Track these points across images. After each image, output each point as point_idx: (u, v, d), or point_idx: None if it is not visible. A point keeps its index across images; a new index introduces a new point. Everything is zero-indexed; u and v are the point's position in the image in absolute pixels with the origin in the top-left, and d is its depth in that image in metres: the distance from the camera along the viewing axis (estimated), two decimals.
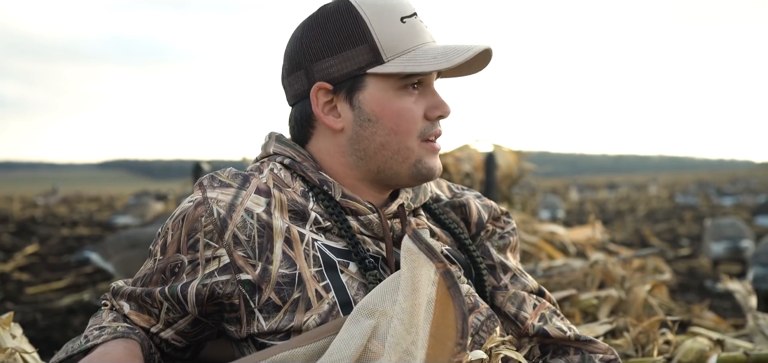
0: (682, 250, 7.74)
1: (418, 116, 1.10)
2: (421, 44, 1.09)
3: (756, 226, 9.32)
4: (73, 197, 24.96)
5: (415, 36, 1.09)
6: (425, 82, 1.12)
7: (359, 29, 1.07)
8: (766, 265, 4.31)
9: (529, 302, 1.22)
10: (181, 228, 1.06)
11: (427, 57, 1.07)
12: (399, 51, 1.07)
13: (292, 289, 1.03)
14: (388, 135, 1.10)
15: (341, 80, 1.09)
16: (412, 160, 1.11)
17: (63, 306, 4.72)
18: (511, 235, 1.29)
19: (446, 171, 3.91)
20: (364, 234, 1.11)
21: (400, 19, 1.08)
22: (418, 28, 1.10)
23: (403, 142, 1.10)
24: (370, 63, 1.07)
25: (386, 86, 1.08)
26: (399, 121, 1.09)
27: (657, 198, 21.10)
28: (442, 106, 1.12)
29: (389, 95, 1.09)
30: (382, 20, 1.07)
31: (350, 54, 1.08)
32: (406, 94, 1.10)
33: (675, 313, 2.84)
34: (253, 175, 1.11)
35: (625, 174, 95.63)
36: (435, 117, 1.12)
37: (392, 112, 1.09)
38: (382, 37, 1.07)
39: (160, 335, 1.11)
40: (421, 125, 1.11)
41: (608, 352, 1.19)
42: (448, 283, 0.92)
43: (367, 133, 1.10)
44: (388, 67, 1.06)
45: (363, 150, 1.11)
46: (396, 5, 1.09)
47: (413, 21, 1.10)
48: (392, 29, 1.07)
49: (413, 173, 1.12)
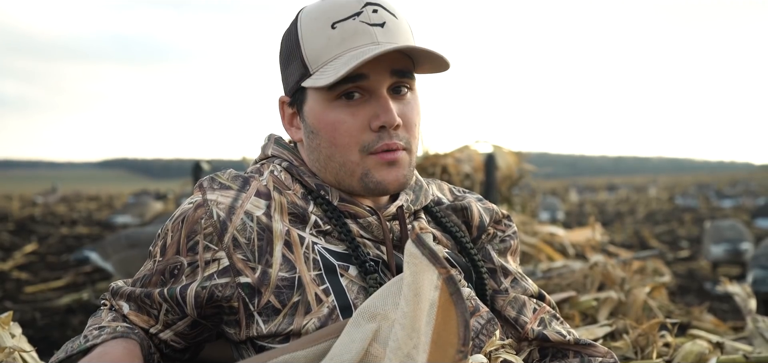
0: (682, 252, 7.74)
1: (355, 128, 1.05)
2: (347, 50, 1.02)
3: (755, 229, 9.32)
4: (73, 196, 24.96)
5: (342, 41, 1.03)
6: (370, 89, 1.04)
7: (295, 43, 1.07)
8: (765, 267, 4.31)
9: (529, 306, 1.22)
10: (180, 230, 1.06)
11: (338, 66, 1.00)
12: (322, 61, 1.03)
13: (291, 293, 1.03)
14: (330, 147, 1.07)
15: (291, 93, 1.11)
16: (358, 173, 1.07)
17: (62, 305, 4.72)
18: (512, 239, 1.29)
19: (446, 172, 3.91)
20: (364, 237, 1.11)
21: (331, 25, 1.03)
22: (352, 30, 1.03)
23: (344, 155, 1.06)
24: (302, 76, 1.06)
25: (320, 98, 1.06)
26: (334, 133, 1.05)
27: (657, 200, 21.12)
28: (383, 115, 1.03)
29: (323, 107, 1.06)
30: (311, 30, 1.04)
31: (292, 68, 1.08)
32: (340, 104, 1.05)
33: (674, 315, 2.84)
34: (254, 178, 1.11)
35: (624, 176, 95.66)
36: (375, 127, 1.04)
37: (327, 124, 1.05)
38: (309, 49, 1.04)
39: (159, 336, 1.10)
40: (363, 137, 1.05)
41: (607, 355, 1.19)
42: (451, 289, 0.92)
43: (315, 145, 1.09)
44: (309, 81, 1.04)
45: (317, 161, 1.10)
46: (334, 9, 1.04)
47: (347, 24, 1.03)
48: (319, 39, 1.04)
49: (362, 187, 1.08)
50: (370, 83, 1.04)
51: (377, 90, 1.05)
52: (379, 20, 1.04)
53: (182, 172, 70.53)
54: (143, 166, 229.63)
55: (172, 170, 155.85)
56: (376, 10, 1.05)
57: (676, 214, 14.01)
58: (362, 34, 1.03)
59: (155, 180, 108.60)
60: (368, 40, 1.03)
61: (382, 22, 1.05)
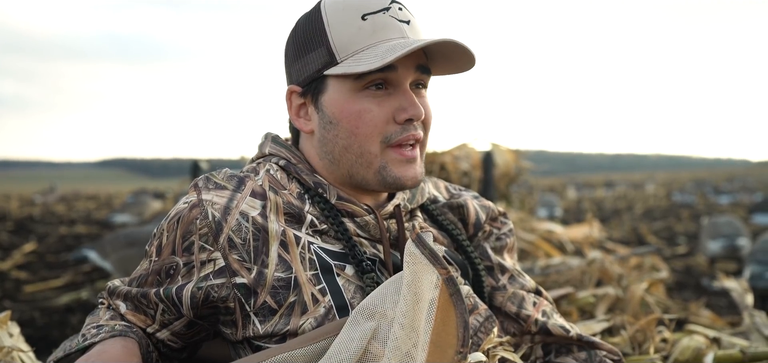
0: (679, 248, 7.75)
1: (381, 119, 1.05)
2: (379, 41, 1.03)
3: (752, 225, 9.34)
4: (71, 196, 24.92)
5: (374, 33, 1.04)
6: (394, 82, 1.06)
7: (319, 31, 1.06)
8: (762, 262, 4.32)
9: (529, 300, 1.22)
10: (176, 230, 1.05)
11: (373, 55, 1.01)
12: (352, 50, 1.04)
13: (287, 293, 1.02)
14: (349, 138, 1.07)
15: (307, 83, 1.09)
16: (375, 165, 1.07)
17: (61, 304, 4.72)
18: (508, 236, 1.29)
19: (444, 169, 3.91)
20: (361, 236, 1.10)
21: (361, 16, 1.04)
22: (381, 24, 1.04)
23: (364, 145, 1.06)
24: (327, 64, 1.06)
25: (344, 87, 1.06)
26: (357, 122, 1.05)
27: (654, 196, 21.13)
28: (410, 108, 1.05)
29: (347, 97, 1.06)
30: (340, 19, 1.05)
31: (312, 56, 1.08)
32: (367, 95, 1.05)
33: (672, 311, 2.85)
34: (249, 177, 1.10)
35: (622, 172, 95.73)
36: (402, 120, 1.06)
37: (350, 114, 1.06)
38: (337, 37, 1.04)
39: (156, 336, 1.10)
40: (387, 129, 1.06)
41: (612, 352, 1.19)
42: (451, 290, 0.92)
43: (331, 135, 1.09)
44: (338, 68, 1.04)
45: (331, 153, 1.10)
46: (362, 1, 1.05)
47: (378, 17, 1.04)
48: (349, 28, 1.04)
49: (379, 180, 1.08)
50: (397, 76, 1.05)
51: (402, 84, 1.06)
52: (405, 17, 1.07)
53: (181, 171, 70.43)
54: (142, 166, 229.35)
55: (171, 169, 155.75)
56: (401, 8, 1.08)
57: (673, 211, 14.03)
58: (392, 28, 1.05)
59: (154, 179, 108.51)
60: (398, 35, 1.05)
61: (408, 19, 1.07)
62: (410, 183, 1.09)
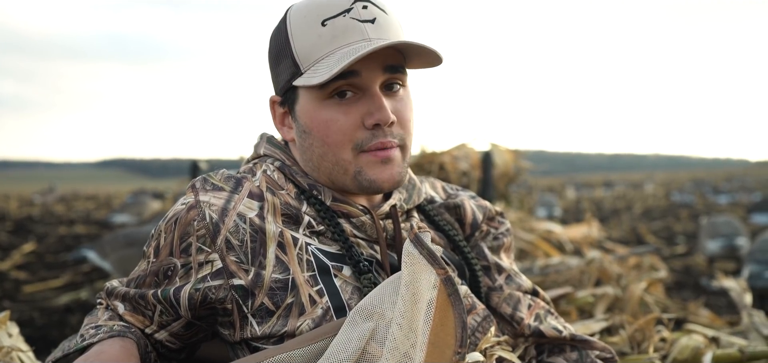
0: (678, 247, 7.76)
1: (349, 126, 1.04)
2: (338, 48, 1.01)
3: (751, 224, 9.34)
4: (71, 196, 24.91)
5: (333, 39, 1.01)
6: (362, 86, 1.03)
7: (285, 41, 1.06)
8: (760, 262, 4.33)
9: (524, 302, 1.22)
10: (173, 231, 1.05)
11: (330, 64, 0.99)
12: (313, 59, 1.02)
13: (285, 294, 1.02)
14: (322, 146, 1.06)
15: (282, 93, 1.10)
16: (351, 171, 1.06)
17: (60, 304, 4.72)
18: (505, 236, 1.29)
19: (443, 169, 3.91)
20: (357, 237, 1.10)
21: (321, 22, 1.02)
22: (342, 27, 1.01)
23: (337, 153, 1.05)
24: (293, 75, 1.05)
25: (312, 97, 1.05)
26: (327, 132, 1.04)
27: (653, 196, 21.14)
28: (376, 113, 1.03)
29: (315, 106, 1.05)
30: (301, 28, 1.03)
31: (282, 67, 1.07)
32: (333, 103, 1.04)
33: (671, 310, 2.86)
34: (246, 178, 1.10)
35: (621, 172, 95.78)
36: (370, 125, 1.04)
37: (319, 123, 1.05)
38: (299, 47, 1.03)
39: (154, 337, 1.10)
40: (357, 135, 1.04)
41: (605, 350, 1.19)
42: (449, 290, 0.92)
43: (307, 144, 1.08)
44: (300, 80, 1.03)
45: (310, 160, 1.10)
46: (323, 6, 1.03)
47: (338, 21, 1.02)
48: (309, 36, 1.02)
49: (357, 185, 1.07)
50: (362, 80, 1.03)
51: (370, 87, 1.04)
52: (369, 16, 1.03)
53: (180, 171, 70.36)
54: (141, 166, 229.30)
55: (170, 169, 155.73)
56: (365, 7, 1.04)
57: (672, 211, 14.04)
58: (353, 30, 1.02)
59: (153, 179, 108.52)
60: (359, 37, 1.01)
61: (373, 18, 1.03)
62: (387, 185, 1.07)
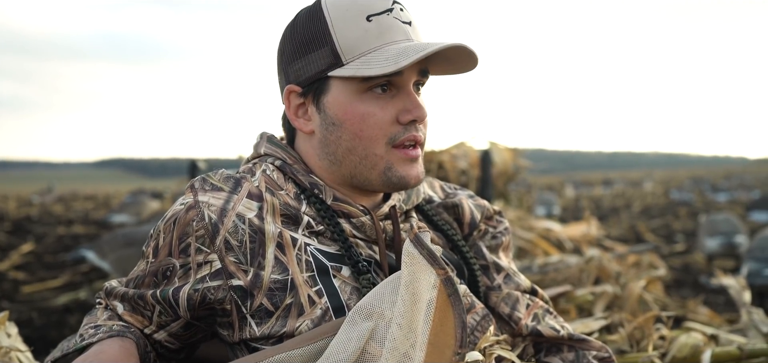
0: (677, 246, 7.77)
1: (386, 120, 1.05)
2: (386, 44, 1.03)
3: (750, 222, 9.36)
4: (69, 196, 24.89)
5: (380, 35, 1.03)
6: (398, 83, 1.06)
7: (322, 31, 1.05)
8: (759, 260, 4.33)
9: (523, 302, 1.22)
10: (172, 231, 1.05)
11: (383, 58, 1.01)
12: (358, 52, 1.03)
13: (284, 295, 1.02)
14: (353, 140, 1.06)
15: (308, 83, 1.08)
16: (380, 167, 1.07)
17: (59, 304, 4.72)
18: (503, 235, 1.29)
19: (442, 168, 3.91)
20: (356, 237, 1.10)
21: (366, 17, 1.03)
22: (387, 26, 1.04)
23: (370, 147, 1.06)
24: (331, 65, 1.05)
25: (348, 89, 1.05)
26: (362, 125, 1.05)
27: (652, 194, 21.17)
28: (414, 110, 1.05)
29: (352, 99, 1.05)
30: (344, 20, 1.04)
31: (314, 56, 1.06)
32: (371, 97, 1.05)
33: (670, 308, 2.86)
34: (245, 179, 1.10)
35: (620, 170, 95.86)
36: (406, 121, 1.06)
37: (355, 116, 1.05)
38: (342, 39, 1.03)
39: (153, 337, 1.10)
40: (391, 130, 1.06)
41: (602, 349, 1.19)
42: (449, 290, 0.92)
43: (334, 137, 1.08)
44: (345, 70, 1.03)
45: (333, 154, 1.09)
46: (367, 2, 1.05)
47: (383, 18, 1.04)
48: (354, 29, 1.03)
49: (383, 181, 1.08)
50: (402, 79, 1.05)
51: (405, 85, 1.06)
52: (407, 19, 1.07)
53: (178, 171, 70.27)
54: (139, 165, 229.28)
55: (169, 169, 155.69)
56: (402, 9, 1.07)
57: (671, 209, 14.05)
58: (397, 30, 1.04)
59: (152, 179, 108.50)
60: (403, 37, 1.04)
61: (409, 21, 1.07)
62: (414, 182, 1.09)
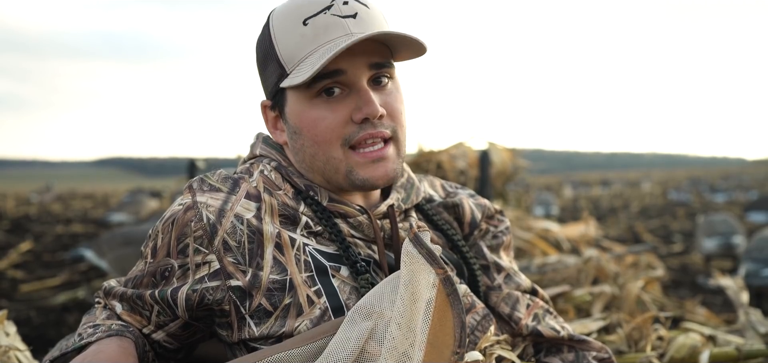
0: (675, 246, 7.77)
1: (337, 123, 1.03)
2: (320, 45, 1.01)
3: (748, 223, 9.36)
4: (68, 195, 24.86)
5: (315, 37, 1.01)
6: (348, 82, 1.03)
7: (270, 45, 1.06)
8: (757, 260, 4.34)
9: (523, 302, 1.22)
10: (170, 232, 1.05)
11: (313, 61, 0.99)
12: (297, 60, 1.03)
13: (283, 295, 1.02)
14: (313, 146, 1.06)
15: (272, 96, 1.10)
16: (342, 170, 1.06)
17: (57, 303, 4.71)
18: (504, 234, 1.29)
19: (441, 168, 3.92)
20: (355, 237, 1.10)
21: (302, 22, 1.02)
22: (324, 25, 1.01)
23: (328, 151, 1.05)
24: (280, 76, 1.06)
25: (300, 97, 1.05)
26: (315, 130, 1.04)
27: (650, 195, 21.18)
28: (364, 107, 1.02)
29: (303, 106, 1.05)
30: (284, 30, 1.04)
31: (269, 71, 1.08)
32: (321, 101, 1.04)
33: (667, 308, 2.86)
34: (243, 179, 1.10)
35: (618, 171, 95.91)
36: (358, 120, 1.03)
37: (309, 122, 1.05)
38: (283, 49, 1.04)
39: (152, 337, 1.10)
40: (345, 131, 1.04)
41: (602, 350, 1.20)
42: (448, 289, 0.92)
43: (299, 145, 1.09)
44: (287, 80, 1.04)
45: (303, 160, 1.10)
46: (304, 5, 1.03)
47: (319, 19, 1.01)
48: (292, 37, 1.03)
49: (350, 183, 1.07)
50: (348, 77, 1.03)
51: (356, 83, 1.04)
52: (350, 11, 1.03)
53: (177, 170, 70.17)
54: (138, 164, 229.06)
55: (167, 168, 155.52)
56: (346, 2, 1.03)
57: (669, 209, 14.06)
58: (334, 27, 1.01)
59: (150, 178, 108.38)
60: (341, 33, 1.01)
61: (354, 13, 1.03)
62: (381, 181, 1.07)
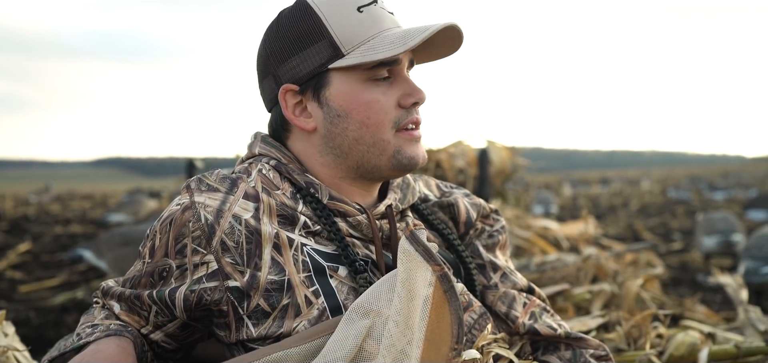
0: (674, 244, 7.77)
1: (389, 106, 1.08)
2: (381, 31, 1.07)
3: (747, 221, 9.37)
4: (66, 195, 24.85)
5: (373, 24, 1.07)
6: (396, 70, 1.09)
7: (316, 26, 1.07)
8: (756, 258, 4.34)
9: (520, 300, 1.22)
10: (168, 232, 1.05)
11: (386, 43, 1.04)
12: (357, 42, 1.06)
13: (281, 296, 1.02)
14: (360, 129, 1.08)
15: (306, 79, 1.09)
16: (389, 151, 1.09)
17: (56, 304, 4.70)
18: (500, 233, 1.29)
19: (440, 167, 3.91)
20: (353, 237, 1.10)
21: (356, 9, 1.07)
22: (378, 15, 1.08)
23: (377, 134, 1.08)
24: (331, 58, 1.06)
25: (351, 79, 1.07)
26: (369, 113, 1.07)
27: (649, 193, 21.19)
28: (415, 93, 1.09)
29: (355, 88, 1.07)
30: (337, 13, 1.06)
31: (310, 52, 1.07)
32: (374, 84, 1.08)
33: (667, 306, 2.86)
34: (241, 179, 1.09)
35: (617, 169, 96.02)
36: (409, 104, 1.09)
37: (360, 104, 1.07)
38: (339, 30, 1.06)
39: (150, 337, 1.10)
40: (395, 114, 1.09)
41: (599, 348, 1.20)
42: (445, 286, 0.92)
43: (339, 129, 1.09)
44: (348, 60, 1.05)
45: (338, 147, 1.10)
46: None
47: (371, 9, 1.07)
48: (349, 21, 1.06)
49: (393, 164, 1.10)
50: (399, 65, 1.09)
51: (401, 71, 1.11)
52: (390, 9, 1.11)
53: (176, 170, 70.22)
54: (137, 165, 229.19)
55: (166, 168, 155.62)
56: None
57: (668, 207, 14.07)
58: (386, 18, 1.09)
59: (149, 178, 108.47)
60: (392, 24, 1.09)
61: (392, 11, 1.12)
62: (421, 161, 1.12)
